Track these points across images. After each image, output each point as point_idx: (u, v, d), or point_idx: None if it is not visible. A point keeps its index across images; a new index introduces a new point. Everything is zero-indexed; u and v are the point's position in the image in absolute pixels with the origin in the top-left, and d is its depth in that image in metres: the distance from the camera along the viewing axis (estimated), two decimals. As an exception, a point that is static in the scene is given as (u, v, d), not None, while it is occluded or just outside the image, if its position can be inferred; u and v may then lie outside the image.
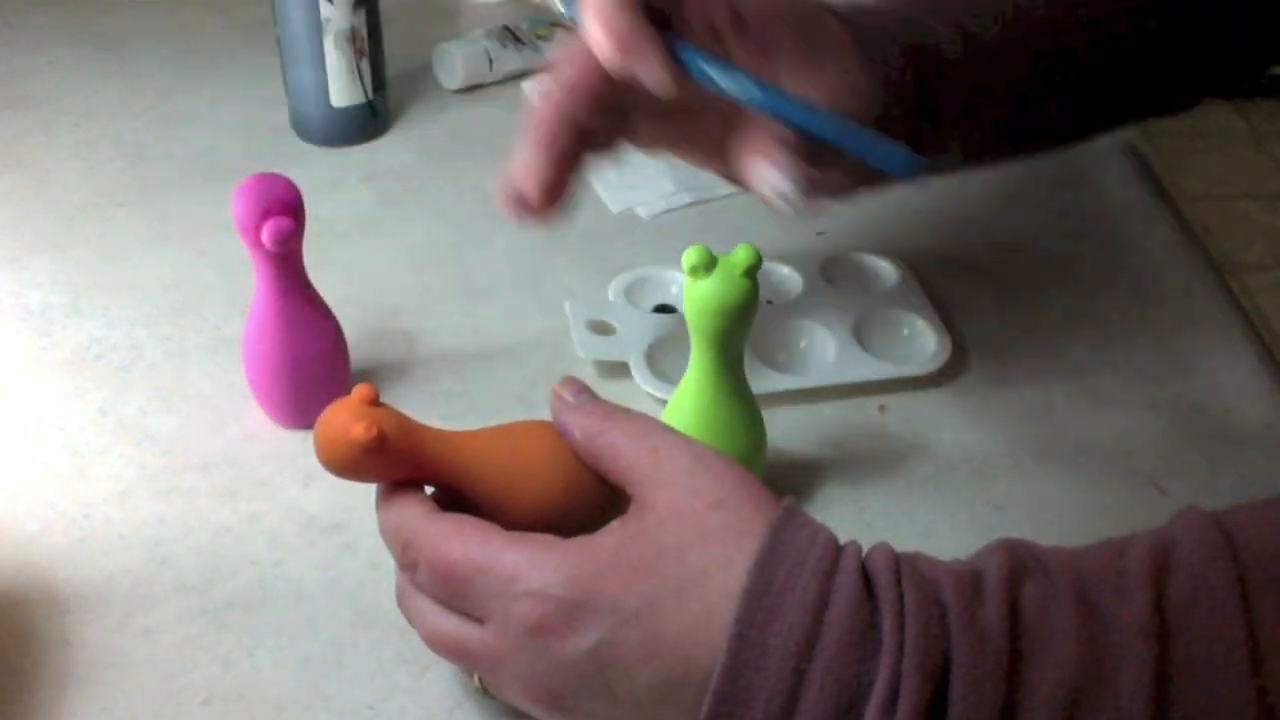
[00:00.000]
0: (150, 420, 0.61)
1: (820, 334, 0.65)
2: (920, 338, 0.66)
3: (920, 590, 0.37)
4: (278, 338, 0.57)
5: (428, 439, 0.44)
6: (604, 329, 0.65)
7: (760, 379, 0.62)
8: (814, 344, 0.65)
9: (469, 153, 0.83)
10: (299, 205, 0.55)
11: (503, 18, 0.94)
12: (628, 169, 0.79)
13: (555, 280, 0.70)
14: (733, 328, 0.51)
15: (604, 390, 0.46)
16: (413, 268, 0.72)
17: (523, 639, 0.39)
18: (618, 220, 0.76)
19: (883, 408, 0.63)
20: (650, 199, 0.78)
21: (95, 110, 0.87)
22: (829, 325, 0.65)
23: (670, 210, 0.77)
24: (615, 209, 0.77)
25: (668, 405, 0.56)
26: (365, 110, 0.82)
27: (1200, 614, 0.36)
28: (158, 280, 0.70)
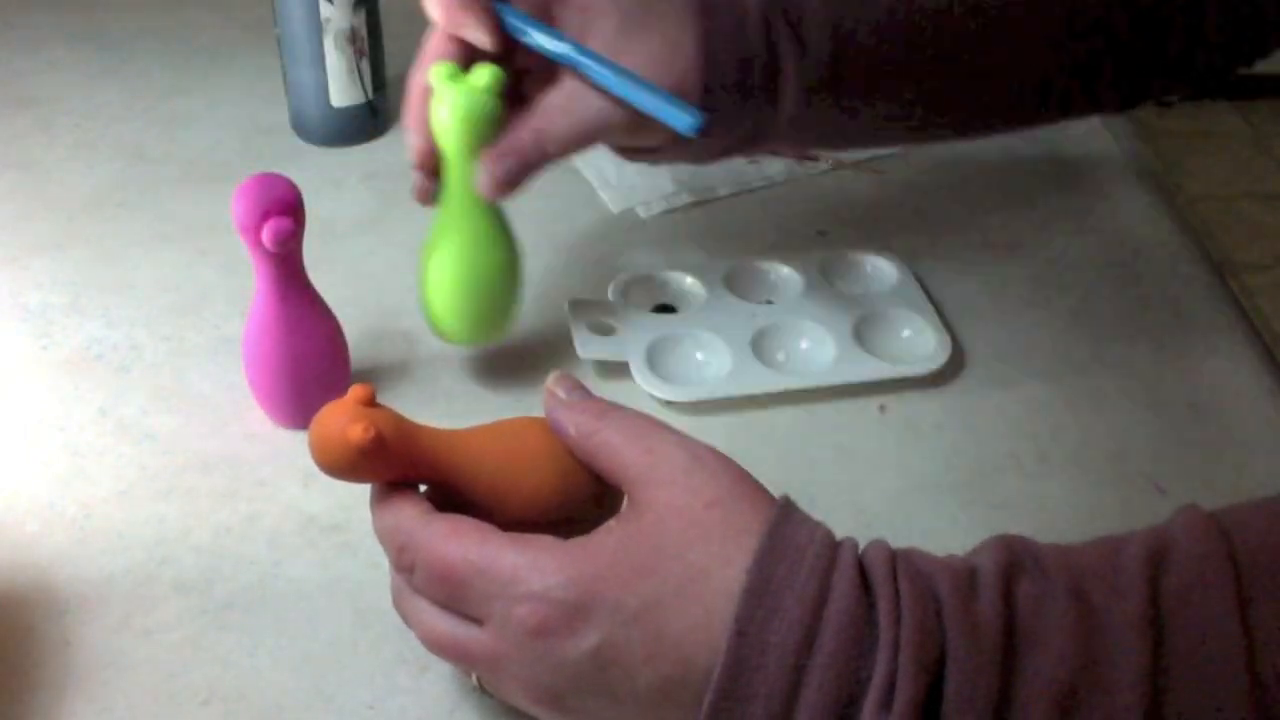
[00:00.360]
0: (150, 420, 0.61)
1: (820, 334, 0.65)
2: (920, 338, 0.66)
3: (916, 585, 0.37)
4: (278, 338, 0.57)
5: (423, 438, 0.44)
6: (604, 329, 0.65)
7: (760, 379, 0.62)
8: (814, 344, 0.65)
9: (469, 153, 0.83)
10: (299, 205, 0.55)
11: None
12: (628, 169, 0.79)
13: (555, 280, 0.70)
14: (484, 137, 0.54)
15: (604, 390, 0.46)
16: (413, 268, 0.72)
17: (523, 641, 0.39)
18: (618, 220, 0.77)
19: (883, 408, 0.63)
20: (650, 199, 0.78)
21: (95, 110, 0.87)
22: (829, 325, 0.65)
23: (670, 210, 0.77)
24: (615, 209, 0.77)
25: (432, 230, 0.59)
26: (365, 110, 0.82)
27: (1196, 610, 0.36)
28: (158, 280, 0.70)
